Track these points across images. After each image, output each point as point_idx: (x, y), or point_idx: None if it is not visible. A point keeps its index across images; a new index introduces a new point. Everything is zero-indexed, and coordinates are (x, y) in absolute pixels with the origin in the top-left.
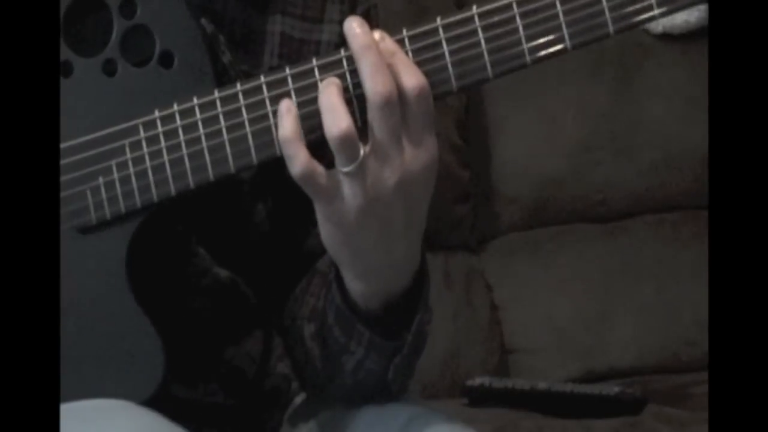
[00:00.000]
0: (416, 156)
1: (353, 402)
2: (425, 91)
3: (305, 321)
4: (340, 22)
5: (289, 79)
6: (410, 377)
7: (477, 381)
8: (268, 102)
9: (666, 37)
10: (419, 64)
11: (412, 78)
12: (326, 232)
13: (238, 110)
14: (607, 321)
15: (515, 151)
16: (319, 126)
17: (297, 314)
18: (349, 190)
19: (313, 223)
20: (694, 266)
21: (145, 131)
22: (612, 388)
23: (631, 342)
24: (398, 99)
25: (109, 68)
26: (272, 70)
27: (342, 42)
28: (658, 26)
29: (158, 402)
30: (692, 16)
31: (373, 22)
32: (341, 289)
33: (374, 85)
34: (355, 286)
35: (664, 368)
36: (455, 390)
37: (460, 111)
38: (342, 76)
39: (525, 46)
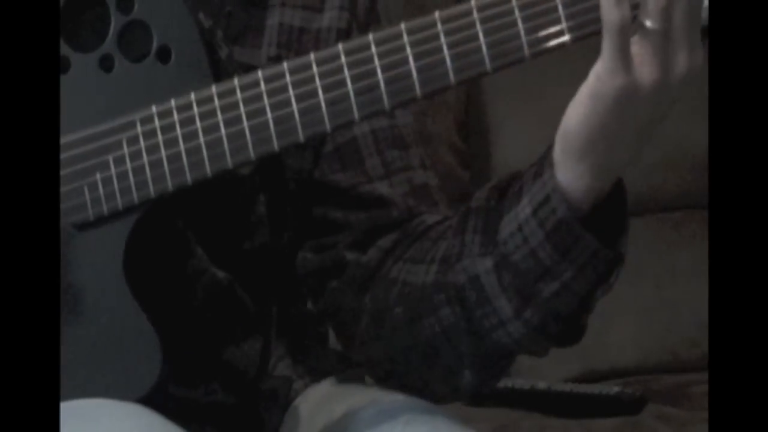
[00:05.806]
0: (697, 59)
1: (526, 345)
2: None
3: (476, 258)
4: (342, 8)
5: (287, 73)
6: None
7: None
8: (265, 96)
9: None
10: (417, 57)
11: None
12: (598, 107)
13: (236, 104)
14: (607, 321)
15: (515, 152)
16: (321, 120)
17: (452, 257)
18: (649, 57)
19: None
20: (694, 266)
21: (142, 126)
22: (612, 388)
23: (631, 342)
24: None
25: (106, 64)
26: (271, 59)
27: (346, 27)
28: None
29: (157, 401)
30: None
31: (376, 9)
32: (566, 200)
33: None
34: (579, 184)
35: (664, 368)
36: None
37: (460, 111)
38: (340, 69)
39: (524, 39)
